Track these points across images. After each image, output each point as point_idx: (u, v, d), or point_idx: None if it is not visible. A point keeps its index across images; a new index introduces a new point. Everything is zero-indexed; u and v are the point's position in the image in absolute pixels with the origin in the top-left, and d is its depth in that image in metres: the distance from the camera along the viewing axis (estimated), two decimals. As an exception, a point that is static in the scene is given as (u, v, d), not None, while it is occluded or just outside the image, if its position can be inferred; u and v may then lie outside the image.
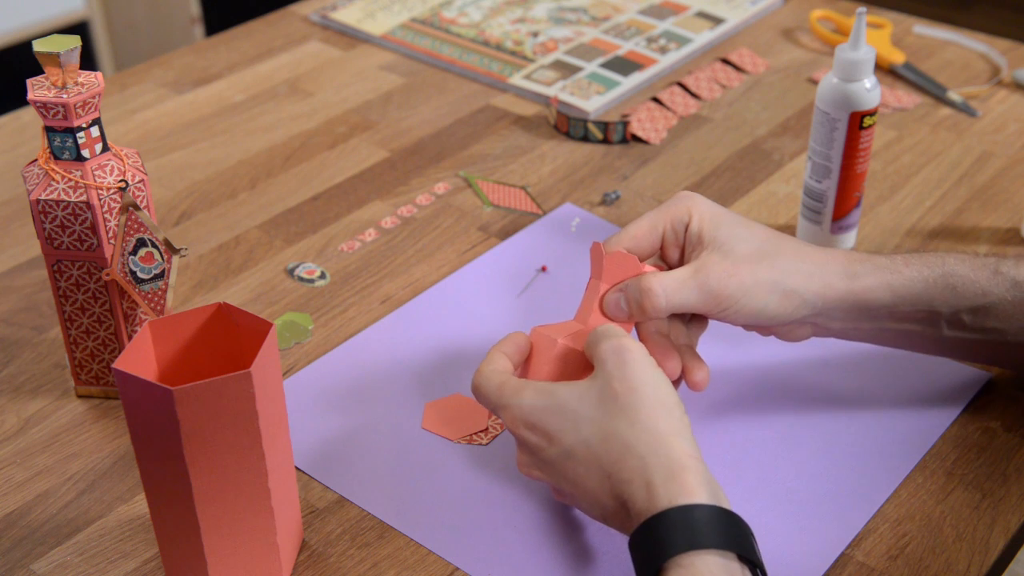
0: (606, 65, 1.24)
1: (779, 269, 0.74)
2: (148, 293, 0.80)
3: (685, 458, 0.63)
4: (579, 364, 0.72)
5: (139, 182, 0.78)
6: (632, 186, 1.06)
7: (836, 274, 0.75)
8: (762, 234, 0.75)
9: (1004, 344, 0.78)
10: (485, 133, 1.15)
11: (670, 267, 0.77)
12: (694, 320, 0.78)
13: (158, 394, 0.60)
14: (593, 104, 1.17)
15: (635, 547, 0.62)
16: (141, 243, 0.78)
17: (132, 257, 0.78)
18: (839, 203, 0.95)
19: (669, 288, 0.72)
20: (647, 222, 0.75)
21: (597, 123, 1.13)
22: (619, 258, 0.73)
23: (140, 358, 0.65)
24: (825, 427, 0.79)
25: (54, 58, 0.73)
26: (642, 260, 0.75)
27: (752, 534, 0.62)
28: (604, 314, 0.74)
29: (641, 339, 0.75)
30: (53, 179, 0.76)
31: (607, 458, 0.65)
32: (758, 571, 0.61)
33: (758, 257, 0.74)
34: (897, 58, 1.24)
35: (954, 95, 1.19)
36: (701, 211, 0.75)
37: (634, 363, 0.67)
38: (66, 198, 0.76)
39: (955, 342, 0.78)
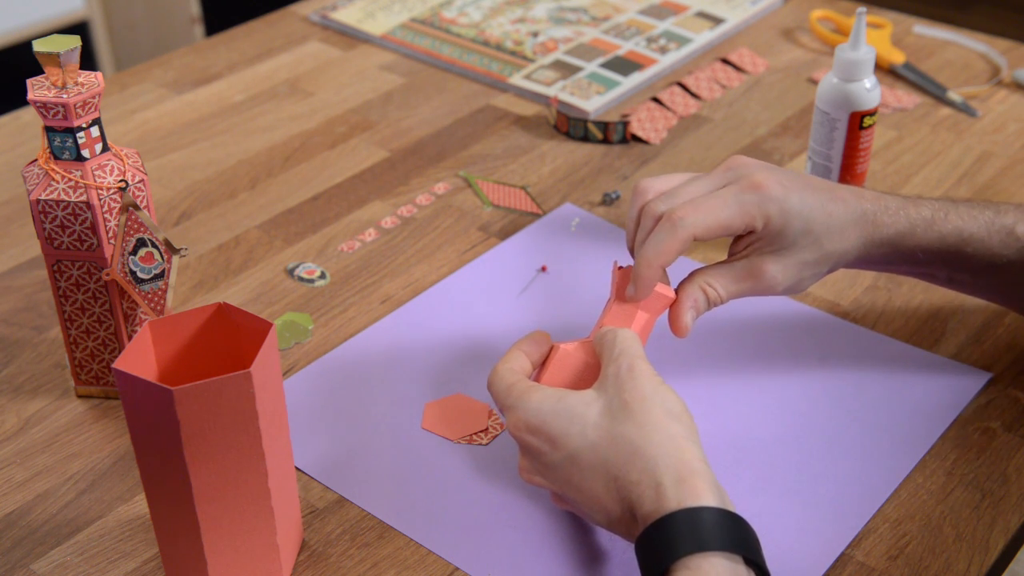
0: (606, 65, 1.24)
1: (823, 252, 0.76)
2: (148, 293, 0.80)
3: (695, 461, 0.63)
4: (592, 376, 0.72)
5: (139, 182, 0.78)
6: (632, 186, 1.06)
7: (859, 244, 0.77)
8: (817, 214, 0.75)
9: (1002, 291, 0.82)
10: (485, 133, 1.15)
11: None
12: None
13: (158, 394, 0.60)
14: (593, 104, 1.17)
15: (642, 548, 0.62)
16: (141, 243, 0.78)
17: (132, 257, 0.78)
18: (839, 203, 0.95)
19: (724, 295, 0.76)
20: (725, 216, 0.74)
21: (597, 123, 1.13)
22: (628, 275, 0.74)
23: (140, 358, 0.65)
24: (825, 427, 0.79)
25: (54, 58, 0.73)
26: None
27: (757, 538, 0.62)
28: (679, 332, 0.75)
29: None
30: (53, 179, 0.76)
31: (615, 460, 0.65)
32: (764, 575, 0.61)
33: (809, 250, 0.76)
34: (897, 58, 1.24)
35: (954, 95, 1.19)
36: (773, 220, 0.75)
37: (643, 377, 0.67)
38: (66, 198, 0.76)
39: (954, 287, 0.83)
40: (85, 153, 0.76)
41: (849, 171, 0.94)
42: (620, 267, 0.75)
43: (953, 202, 0.79)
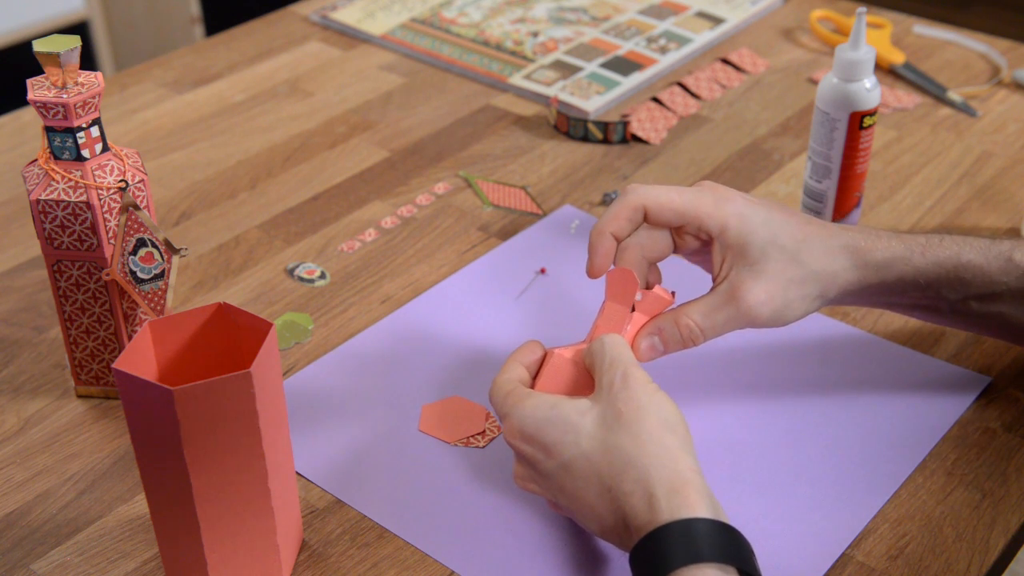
0: (606, 65, 1.24)
1: (806, 270, 0.74)
2: (148, 293, 0.80)
3: (688, 472, 0.63)
4: (587, 380, 0.72)
5: (139, 182, 0.78)
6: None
7: (850, 267, 0.75)
8: (788, 230, 0.74)
9: (1007, 325, 0.79)
10: (485, 133, 1.15)
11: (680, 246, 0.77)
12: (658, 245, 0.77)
13: (158, 394, 0.60)
14: (593, 104, 1.17)
15: (636, 560, 0.62)
16: (141, 243, 0.78)
17: (132, 257, 0.78)
18: (839, 203, 0.95)
19: (706, 326, 0.74)
20: (679, 200, 0.74)
21: (597, 123, 1.13)
22: (620, 274, 0.74)
23: (140, 358, 0.65)
24: (825, 429, 0.79)
25: (54, 58, 0.73)
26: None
27: (751, 548, 0.62)
28: (638, 356, 0.74)
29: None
30: (53, 179, 0.76)
31: (608, 471, 0.64)
32: None
33: (788, 266, 0.74)
34: (897, 58, 1.24)
35: (954, 95, 1.19)
36: (730, 224, 0.74)
37: (638, 386, 0.67)
38: (66, 198, 0.76)
39: (959, 321, 0.80)
40: (85, 153, 0.76)
41: (849, 171, 0.94)
42: (613, 268, 0.75)
43: (947, 232, 0.78)
